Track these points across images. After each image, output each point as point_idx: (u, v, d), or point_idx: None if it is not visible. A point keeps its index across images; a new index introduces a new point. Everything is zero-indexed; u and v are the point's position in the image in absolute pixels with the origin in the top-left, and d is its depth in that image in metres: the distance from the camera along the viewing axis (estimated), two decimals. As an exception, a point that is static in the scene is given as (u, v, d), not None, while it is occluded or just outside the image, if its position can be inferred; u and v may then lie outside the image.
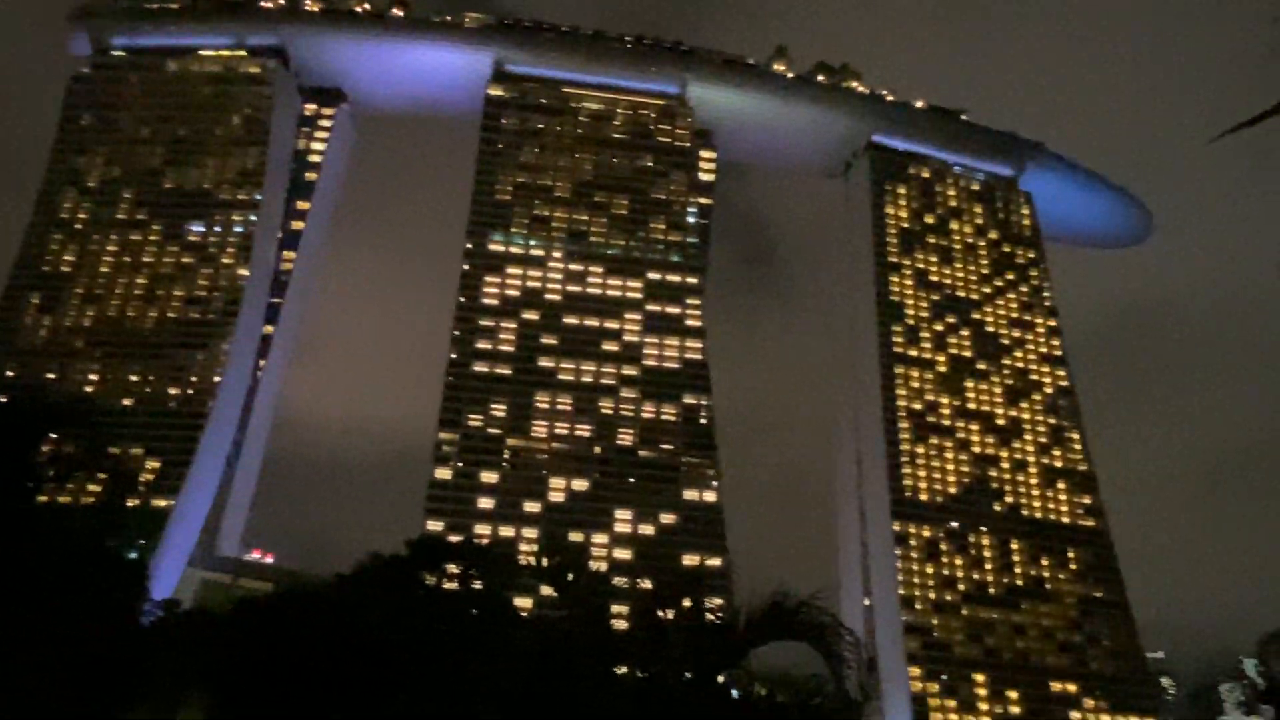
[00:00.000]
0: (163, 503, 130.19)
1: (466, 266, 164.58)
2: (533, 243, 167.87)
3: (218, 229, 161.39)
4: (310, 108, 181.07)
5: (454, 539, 78.41)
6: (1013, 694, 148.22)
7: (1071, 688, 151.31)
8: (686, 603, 14.72)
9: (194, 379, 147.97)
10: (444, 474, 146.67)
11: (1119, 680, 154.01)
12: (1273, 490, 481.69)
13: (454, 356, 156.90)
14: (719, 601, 15.76)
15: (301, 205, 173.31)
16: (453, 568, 30.96)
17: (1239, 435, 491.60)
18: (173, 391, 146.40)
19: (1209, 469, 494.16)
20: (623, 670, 15.41)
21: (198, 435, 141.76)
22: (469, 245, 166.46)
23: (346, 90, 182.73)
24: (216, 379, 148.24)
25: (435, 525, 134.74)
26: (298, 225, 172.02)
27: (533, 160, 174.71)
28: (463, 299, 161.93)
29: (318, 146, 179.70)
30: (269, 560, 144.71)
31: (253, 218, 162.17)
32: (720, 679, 14.68)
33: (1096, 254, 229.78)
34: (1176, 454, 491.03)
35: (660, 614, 15.12)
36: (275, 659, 18.10)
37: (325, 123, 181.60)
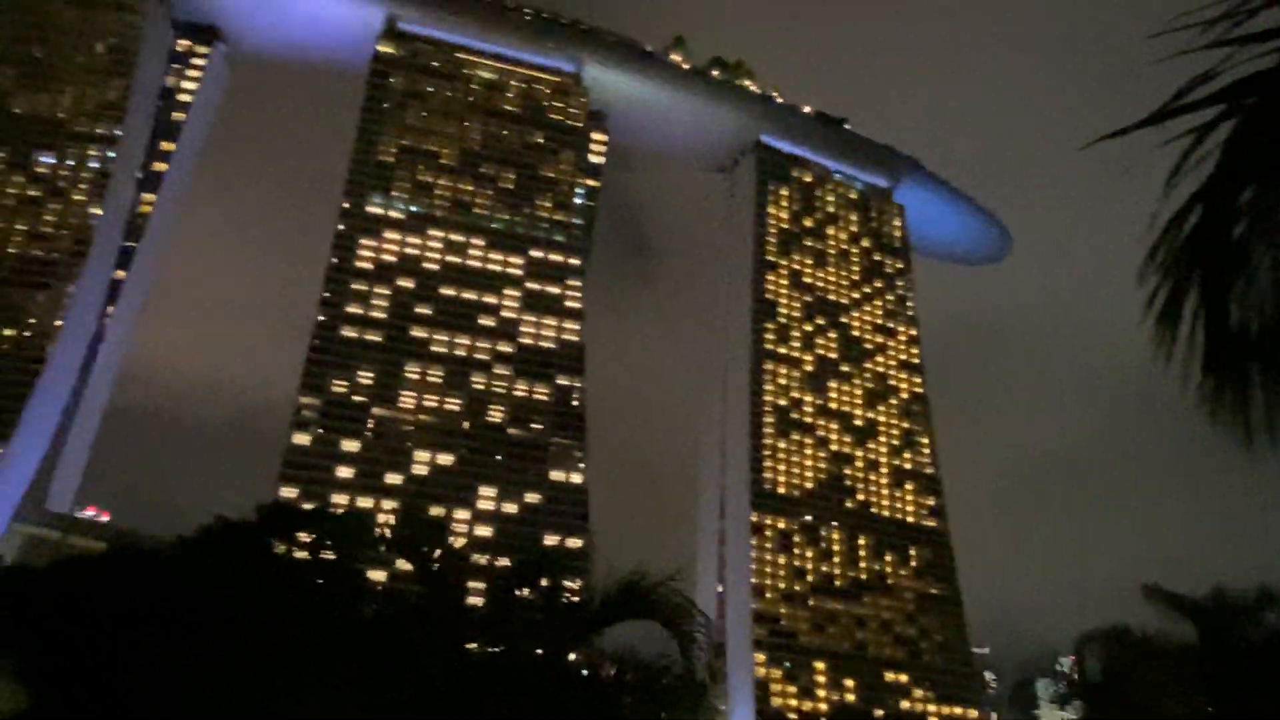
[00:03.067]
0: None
1: (341, 227, 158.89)
2: (413, 208, 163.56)
3: (70, 162, 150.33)
4: (183, 44, 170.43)
5: (308, 507, 75.98)
6: (849, 682, 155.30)
7: (903, 678, 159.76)
8: (544, 582, 14.79)
9: (33, 320, 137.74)
10: (302, 439, 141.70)
11: (947, 673, 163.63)
12: (1089, 496, 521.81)
13: (321, 319, 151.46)
14: (578, 584, 15.89)
15: (166, 146, 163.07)
16: (304, 536, 29.98)
17: (1065, 444, 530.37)
18: (8, 333, 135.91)
19: (1037, 475, 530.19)
20: (473, 646, 15.38)
21: (33, 381, 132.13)
22: (346, 205, 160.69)
23: (224, 29, 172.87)
24: (58, 323, 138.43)
25: (290, 492, 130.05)
26: (160, 167, 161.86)
27: (419, 124, 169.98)
28: (335, 260, 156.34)
29: (188, 86, 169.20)
30: (104, 519, 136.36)
31: (110, 154, 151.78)
32: (571, 657, 14.87)
33: (957, 269, 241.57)
34: (1010, 461, 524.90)
35: (516, 592, 15.14)
36: (100, 617, 17.18)
37: (199, 61, 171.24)
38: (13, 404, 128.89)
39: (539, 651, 14.31)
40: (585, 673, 14.00)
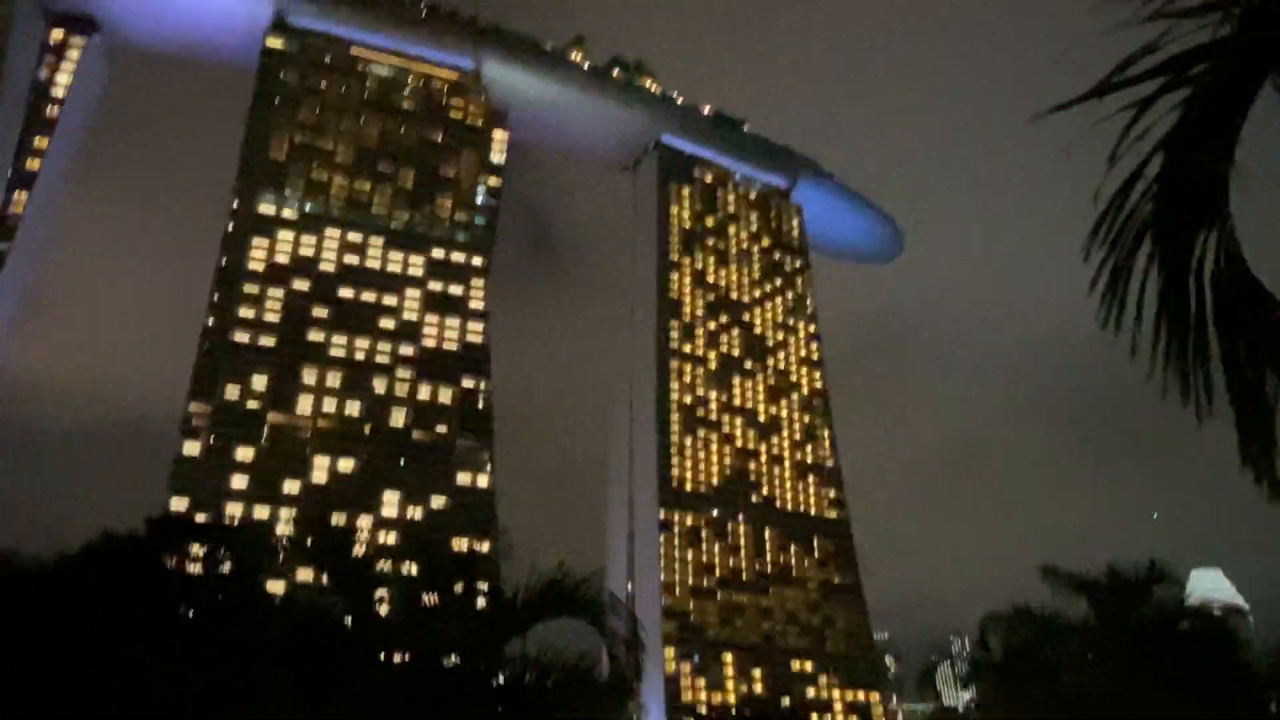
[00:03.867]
0: None
1: (231, 227, 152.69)
2: (307, 208, 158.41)
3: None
4: (57, 34, 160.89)
5: (200, 518, 72.79)
6: (757, 673, 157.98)
7: (809, 666, 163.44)
8: (458, 587, 14.41)
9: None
10: (192, 449, 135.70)
11: (850, 659, 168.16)
12: (982, 485, 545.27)
13: (210, 323, 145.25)
14: (486, 587, 15.55)
15: (39, 143, 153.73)
16: (199, 549, 28.66)
17: (952, 437, 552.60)
18: None
19: (929, 466, 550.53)
20: (380, 656, 14.86)
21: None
22: (235, 205, 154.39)
23: (101, 19, 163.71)
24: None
25: (180, 504, 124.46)
26: (33, 165, 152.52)
27: (312, 120, 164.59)
28: (224, 262, 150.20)
29: (63, 79, 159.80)
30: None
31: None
32: (490, 662, 14.52)
33: (855, 267, 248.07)
34: (903, 452, 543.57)
35: (428, 598, 14.72)
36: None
37: (74, 53, 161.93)
38: None
39: (459, 660, 13.91)
40: (505, 677, 13.67)
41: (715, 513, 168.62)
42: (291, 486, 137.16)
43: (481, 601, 14.59)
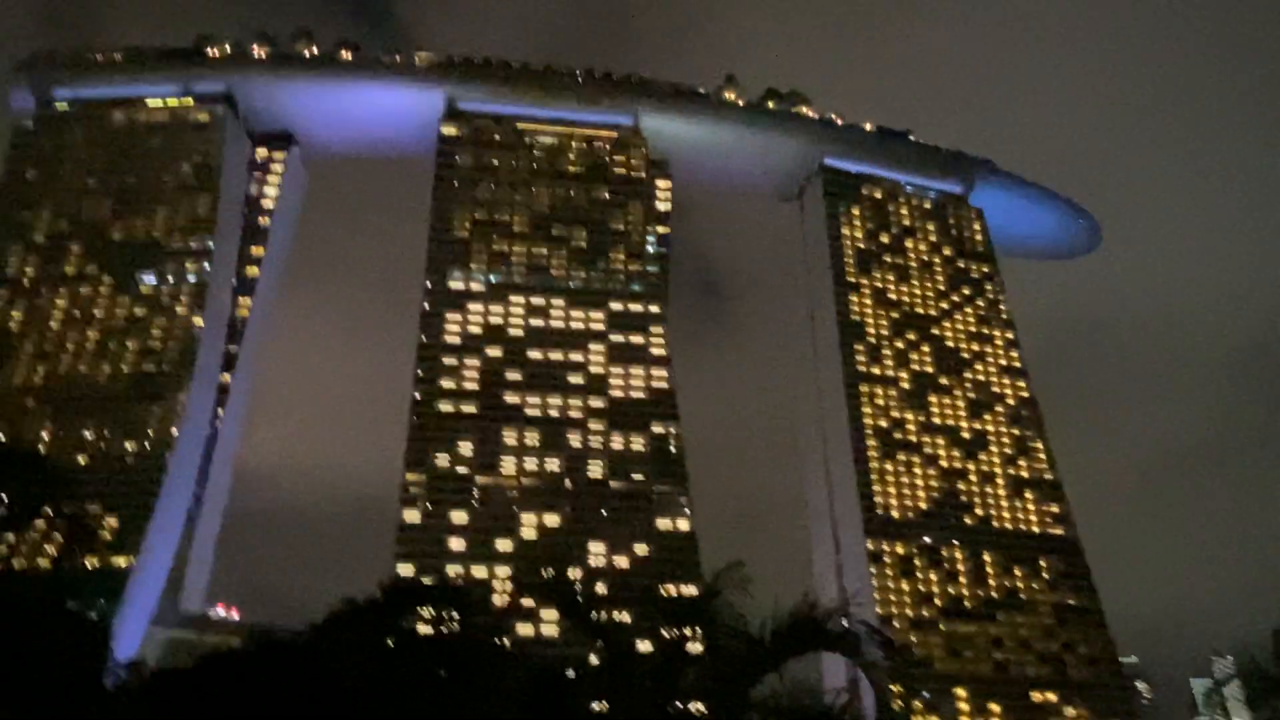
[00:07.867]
0: (123, 561, 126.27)
1: (427, 305, 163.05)
2: (493, 278, 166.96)
3: (170, 279, 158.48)
4: (261, 152, 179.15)
5: (427, 581, 76.72)
6: (995, 706, 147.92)
7: (1052, 697, 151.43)
8: (691, 631, 14.01)
9: (151, 432, 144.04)
10: (412, 516, 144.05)
11: (1097, 687, 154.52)
12: (1213, 491, 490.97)
13: (417, 396, 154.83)
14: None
15: (255, 251, 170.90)
16: (430, 611, 29.86)
17: (1179, 439, 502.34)
18: (129, 447, 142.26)
19: (1155, 472, 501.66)
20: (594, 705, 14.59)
21: (156, 490, 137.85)
22: (428, 284, 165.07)
23: (297, 133, 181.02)
24: (174, 431, 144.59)
25: (406, 569, 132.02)
26: (252, 271, 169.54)
27: (489, 196, 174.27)
28: (424, 338, 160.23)
29: (270, 191, 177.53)
30: (234, 615, 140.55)
31: (206, 266, 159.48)
32: (736, 706, 13.96)
33: (1048, 265, 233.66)
34: (1124, 460, 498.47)
35: (664, 640, 14.38)
36: (246, 712, 17.05)
37: (277, 167, 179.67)
38: (140, 514, 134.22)
39: (704, 706, 13.43)
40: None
41: (927, 539, 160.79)
42: (504, 544, 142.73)
43: (724, 641, 14.09)
